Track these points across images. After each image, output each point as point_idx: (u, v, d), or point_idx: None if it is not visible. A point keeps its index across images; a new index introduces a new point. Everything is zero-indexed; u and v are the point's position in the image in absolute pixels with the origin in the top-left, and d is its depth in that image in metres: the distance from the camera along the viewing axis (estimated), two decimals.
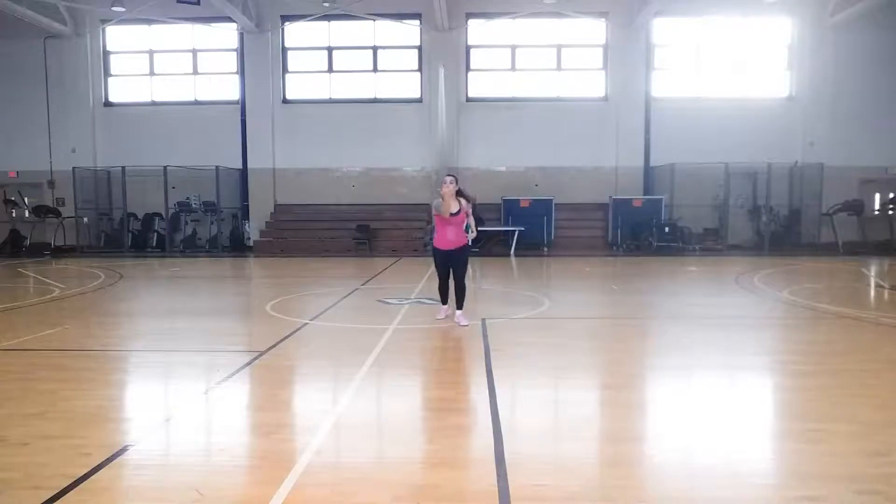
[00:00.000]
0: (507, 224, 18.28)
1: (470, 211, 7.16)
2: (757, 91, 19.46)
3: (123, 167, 19.02)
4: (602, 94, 19.70)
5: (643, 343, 6.76)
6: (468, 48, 19.79)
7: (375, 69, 19.95)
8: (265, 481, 3.19)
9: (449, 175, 7.22)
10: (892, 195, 18.68)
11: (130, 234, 19.65)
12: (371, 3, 18.35)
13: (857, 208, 18.47)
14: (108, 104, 20.35)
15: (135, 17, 18.83)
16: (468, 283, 7.38)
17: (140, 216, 19.91)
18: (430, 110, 19.53)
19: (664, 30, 19.58)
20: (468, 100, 19.78)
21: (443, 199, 6.97)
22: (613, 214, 18.92)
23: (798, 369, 5.42)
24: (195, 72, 20.22)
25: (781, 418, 4.35)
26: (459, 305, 7.26)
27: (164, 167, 18.65)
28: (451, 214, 7.03)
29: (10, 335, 6.89)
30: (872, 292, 10.89)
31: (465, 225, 7.13)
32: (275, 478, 3.21)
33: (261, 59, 19.71)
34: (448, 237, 7.11)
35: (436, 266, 7.36)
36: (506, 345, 6.29)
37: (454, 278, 7.25)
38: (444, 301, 7.57)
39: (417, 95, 19.89)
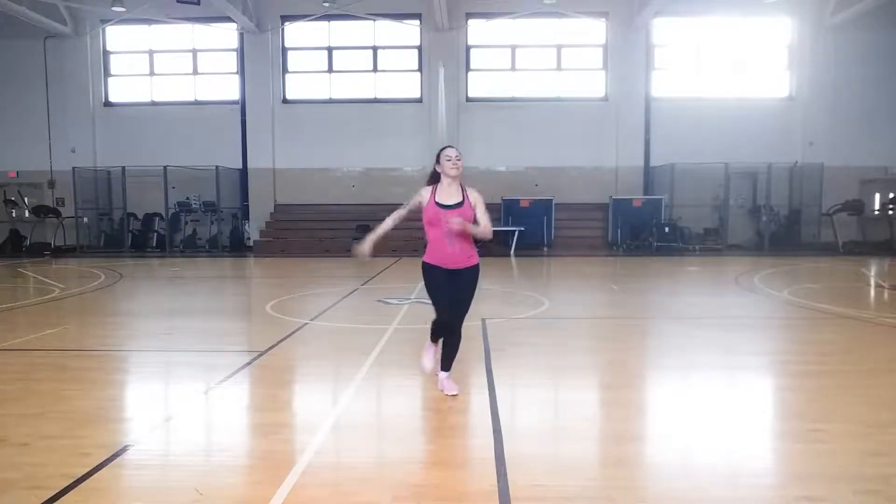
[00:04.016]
0: (507, 224, 18.27)
1: (480, 208, 4.39)
2: (757, 91, 19.44)
3: (123, 167, 19.05)
4: (602, 94, 19.69)
5: (643, 343, 6.76)
6: (468, 48, 19.78)
7: (375, 69, 19.95)
8: (265, 481, 3.19)
9: (451, 147, 4.40)
10: (892, 195, 18.67)
11: (130, 234, 19.65)
12: (371, 3, 18.37)
13: (857, 208, 18.47)
14: (108, 104, 20.34)
15: (135, 17, 18.82)
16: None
17: (140, 216, 19.91)
18: (430, 110, 19.52)
19: (664, 30, 19.57)
20: (468, 100, 19.78)
21: (445, 172, 4.33)
22: (613, 214, 18.91)
23: (798, 369, 5.42)
24: (195, 72, 20.21)
25: (781, 418, 4.35)
26: (446, 365, 4.68)
27: (164, 167, 18.64)
28: (444, 206, 4.28)
29: (11, 335, 6.89)
30: (872, 292, 10.90)
31: (472, 231, 4.32)
32: (275, 478, 3.21)
33: (261, 59, 19.71)
34: (445, 247, 4.33)
35: (429, 293, 4.53)
36: (506, 345, 6.29)
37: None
38: (436, 339, 4.71)
39: (417, 95, 19.88)
